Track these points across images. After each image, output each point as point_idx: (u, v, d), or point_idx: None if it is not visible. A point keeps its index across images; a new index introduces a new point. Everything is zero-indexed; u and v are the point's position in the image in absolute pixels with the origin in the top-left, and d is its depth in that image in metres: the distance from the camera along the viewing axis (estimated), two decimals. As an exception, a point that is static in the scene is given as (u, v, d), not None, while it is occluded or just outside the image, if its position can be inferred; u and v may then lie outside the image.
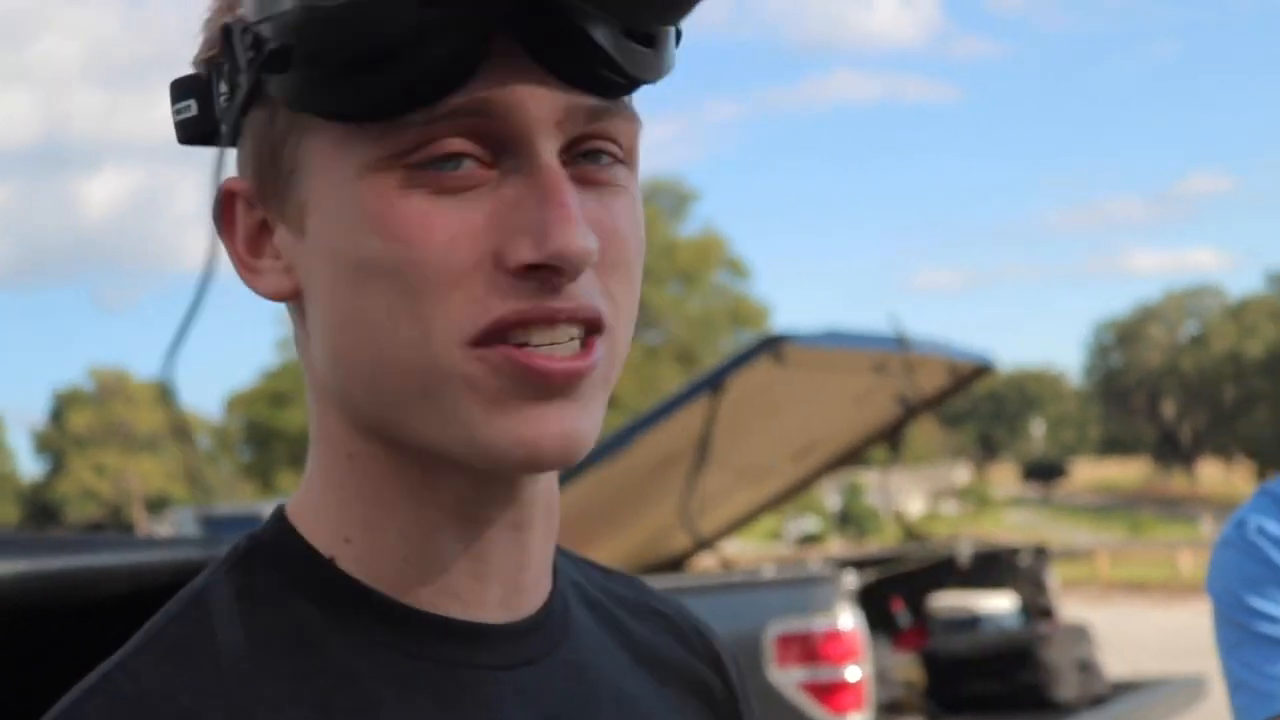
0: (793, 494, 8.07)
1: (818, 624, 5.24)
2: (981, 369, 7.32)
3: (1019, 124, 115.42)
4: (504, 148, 0.75)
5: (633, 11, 0.75)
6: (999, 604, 6.99)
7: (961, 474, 67.38)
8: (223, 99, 0.78)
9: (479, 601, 0.83)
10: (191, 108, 0.79)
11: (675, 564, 7.40)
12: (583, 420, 0.77)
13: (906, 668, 6.39)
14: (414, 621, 0.81)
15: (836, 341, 6.21)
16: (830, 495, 42.79)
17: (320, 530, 0.82)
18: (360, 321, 0.77)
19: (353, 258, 0.76)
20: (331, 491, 0.83)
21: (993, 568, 7.28)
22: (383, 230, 0.75)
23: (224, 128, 0.78)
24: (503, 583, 0.84)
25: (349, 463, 0.82)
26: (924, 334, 6.61)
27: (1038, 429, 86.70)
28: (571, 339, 0.76)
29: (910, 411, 7.00)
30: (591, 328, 0.77)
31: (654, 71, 0.78)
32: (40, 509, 65.37)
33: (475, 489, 0.80)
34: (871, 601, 6.41)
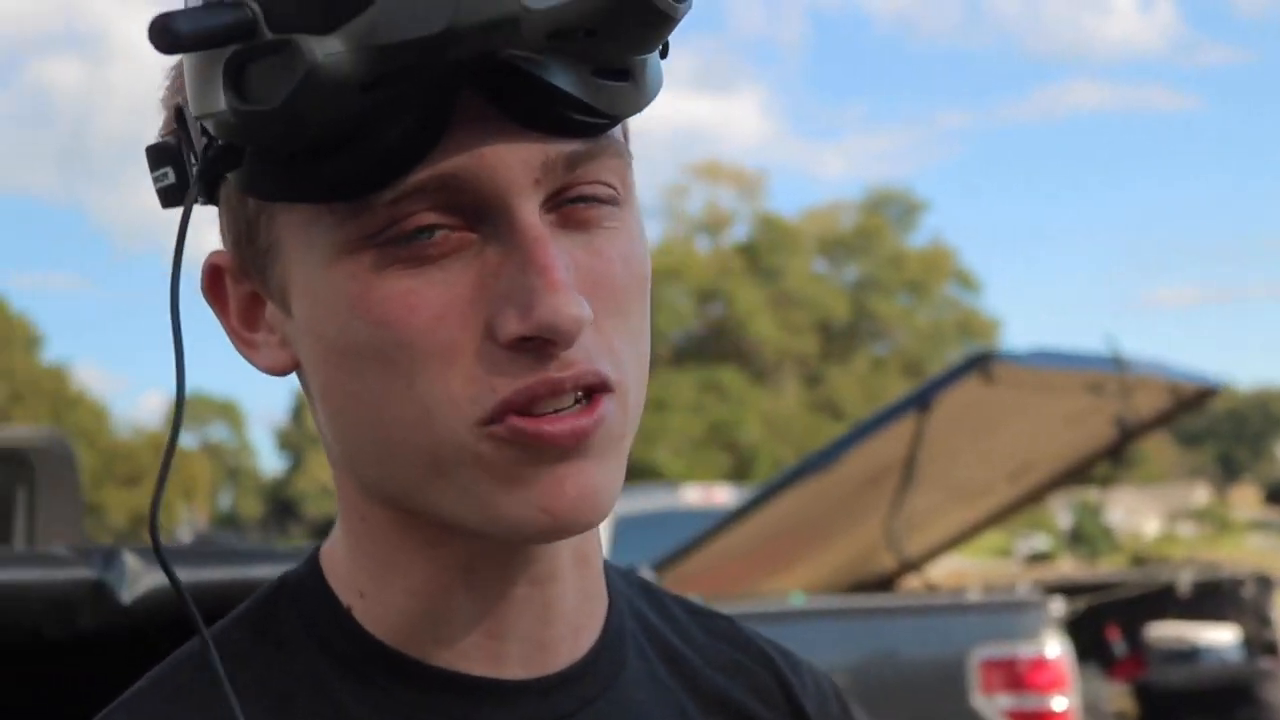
0: (1008, 514, 7.89)
1: (1024, 651, 5.12)
2: (1207, 391, 7.06)
3: (1265, 135, 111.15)
4: (480, 215, 0.72)
5: (594, 52, 0.70)
6: (1220, 636, 6.75)
7: (1200, 495, 65.19)
8: (194, 171, 0.76)
9: (497, 659, 0.81)
10: (169, 175, 0.77)
11: (885, 584, 7.30)
12: (600, 476, 0.74)
13: (1119, 698, 6.21)
14: (426, 677, 0.80)
15: (1048, 361, 6.06)
16: (1061, 514, 41.82)
17: (342, 578, 0.82)
18: (360, 404, 0.75)
19: (341, 343, 0.74)
20: (349, 546, 0.82)
21: (1215, 597, 7.03)
22: (366, 314, 0.72)
23: (202, 199, 0.76)
24: (523, 640, 0.81)
25: (361, 524, 0.81)
26: (1151, 352, 6.43)
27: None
28: (577, 400, 0.73)
29: (1128, 434, 6.78)
30: (598, 390, 0.74)
31: (633, 104, 0.73)
32: (280, 504, 67.75)
33: (488, 549, 0.78)
34: (1086, 628, 6.25)
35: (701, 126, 61.42)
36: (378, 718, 0.78)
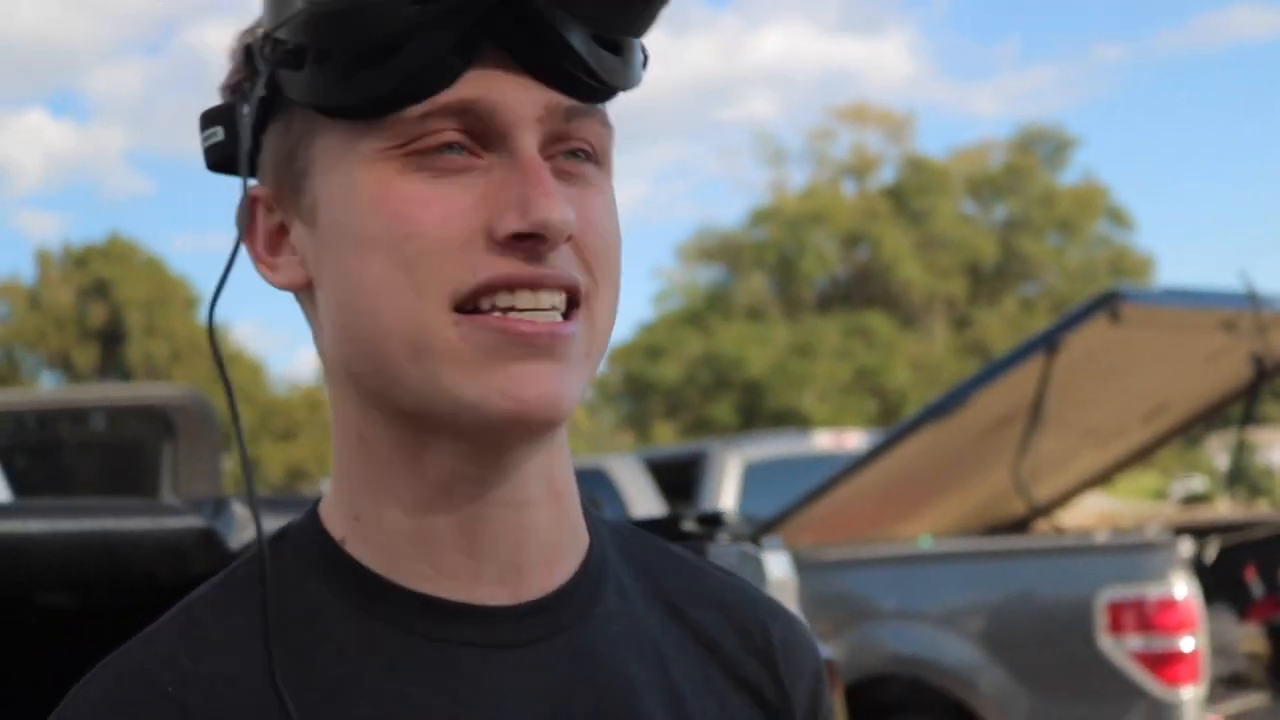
0: (1145, 456, 7.80)
1: (1151, 592, 5.10)
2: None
3: None
4: (490, 140, 0.86)
5: (601, 17, 0.86)
6: (1361, 576, 6.62)
7: (1368, 433, 63.24)
8: (245, 118, 0.88)
9: (474, 579, 0.90)
10: (218, 134, 0.91)
11: (1018, 527, 7.26)
12: (563, 381, 0.86)
13: (1252, 640, 6.13)
14: (407, 600, 0.89)
15: (1177, 299, 5.97)
16: (1219, 455, 40.88)
17: (336, 516, 0.93)
18: (361, 292, 0.86)
19: (357, 235, 0.86)
20: (346, 473, 0.92)
21: (1358, 537, 6.89)
22: (384, 209, 0.85)
23: (245, 144, 0.88)
24: (498, 562, 0.90)
25: (359, 444, 0.91)
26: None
27: None
28: (554, 307, 0.85)
29: (1265, 372, 6.66)
30: (571, 296, 0.86)
31: (623, 79, 0.89)
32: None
33: (466, 462, 0.88)
34: (1223, 569, 6.19)
35: (848, 68, 60.65)
36: (362, 637, 0.89)
